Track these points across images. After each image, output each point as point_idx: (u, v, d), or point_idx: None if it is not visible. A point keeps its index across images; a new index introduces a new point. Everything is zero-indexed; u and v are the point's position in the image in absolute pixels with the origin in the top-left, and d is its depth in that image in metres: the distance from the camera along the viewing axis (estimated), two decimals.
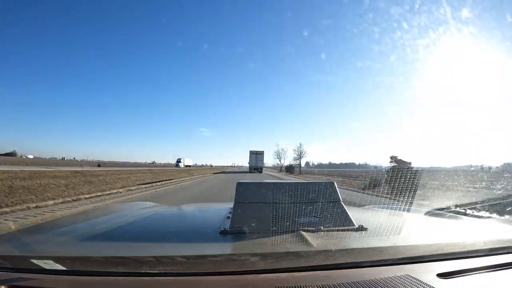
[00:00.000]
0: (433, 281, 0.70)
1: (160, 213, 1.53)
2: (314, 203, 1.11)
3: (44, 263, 0.74)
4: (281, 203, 1.07)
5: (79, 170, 13.00)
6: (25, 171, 9.58)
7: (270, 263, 0.78)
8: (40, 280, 0.70)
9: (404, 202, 1.53)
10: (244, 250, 0.90)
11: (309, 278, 0.71)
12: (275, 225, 0.98)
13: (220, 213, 1.37)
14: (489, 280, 0.76)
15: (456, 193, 8.55)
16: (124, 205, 1.82)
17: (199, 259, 0.79)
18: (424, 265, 0.80)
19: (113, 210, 1.64)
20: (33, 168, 11.73)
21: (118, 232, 1.11)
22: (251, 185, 1.25)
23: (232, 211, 1.12)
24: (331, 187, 1.21)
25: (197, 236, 1.07)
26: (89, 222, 1.32)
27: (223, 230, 1.00)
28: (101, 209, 1.68)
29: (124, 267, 0.75)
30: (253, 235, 0.97)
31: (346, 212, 1.11)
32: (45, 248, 0.91)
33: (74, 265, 0.76)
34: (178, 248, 0.90)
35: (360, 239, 0.99)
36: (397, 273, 0.73)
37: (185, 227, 1.29)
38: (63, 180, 9.35)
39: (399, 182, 1.70)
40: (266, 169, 59.23)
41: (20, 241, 1.00)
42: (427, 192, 8.01)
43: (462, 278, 0.75)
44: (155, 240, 1.00)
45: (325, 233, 0.98)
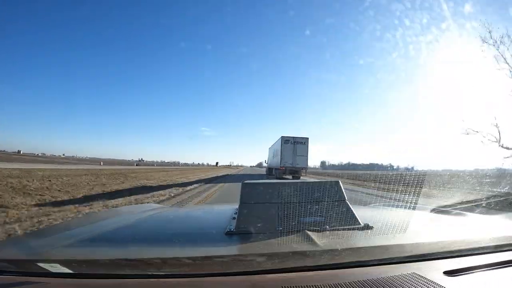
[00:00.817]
0: (440, 279, 0.70)
1: (165, 215, 1.53)
2: (320, 203, 1.11)
3: (51, 267, 0.75)
4: (286, 203, 1.07)
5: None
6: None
7: (277, 263, 0.78)
8: (47, 283, 0.70)
9: (409, 200, 1.52)
10: (250, 250, 0.90)
11: (315, 277, 0.71)
12: (281, 225, 0.99)
13: (225, 214, 1.37)
14: (496, 277, 0.76)
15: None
16: (129, 208, 1.83)
17: (205, 260, 0.79)
18: (430, 263, 0.80)
19: (119, 213, 1.65)
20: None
21: (124, 234, 1.11)
22: (256, 186, 1.25)
23: (238, 212, 1.12)
24: (336, 186, 1.21)
25: (203, 237, 1.07)
26: (95, 224, 1.32)
27: (229, 231, 1.00)
28: (106, 212, 1.69)
29: (131, 269, 0.76)
30: (259, 235, 0.97)
31: (351, 211, 1.10)
32: (51, 251, 0.91)
33: (81, 268, 0.76)
34: (184, 249, 0.91)
35: (366, 238, 0.98)
36: (403, 272, 0.72)
37: (191, 228, 1.30)
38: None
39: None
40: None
41: (26, 245, 1.01)
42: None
43: (469, 276, 0.74)
44: (161, 242, 1.00)
45: (331, 232, 0.98)
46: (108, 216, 1.55)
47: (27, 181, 9.98)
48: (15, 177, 10.91)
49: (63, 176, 13.47)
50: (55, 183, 10.51)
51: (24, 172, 13.12)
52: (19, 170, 14.30)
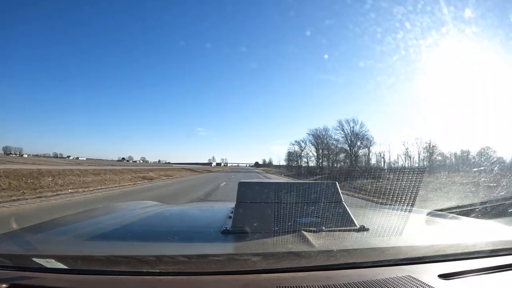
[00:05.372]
0: (434, 282, 0.70)
1: (161, 212, 1.53)
2: (316, 203, 1.11)
3: (46, 262, 0.75)
4: (283, 203, 1.07)
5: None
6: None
7: (272, 263, 0.78)
8: (42, 279, 0.70)
9: (406, 202, 1.53)
10: (245, 249, 0.90)
11: (310, 278, 0.71)
12: (277, 225, 0.99)
13: (222, 212, 1.37)
14: (490, 282, 0.76)
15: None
16: (125, 204, 1.82)
17: (200, 259, 0.79)
18: (425, 266, 0.80)
19: (115, 209, 1.65)
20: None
21: (120, 231, 1.11)
22: (253, 185, 1.26)
23: (234, 211, 1.13)
24: (333, 187, 1.21)
25: (199, 235, 1.08)
26: (91, 221, 1.32)
27: (225, 229, 1.00)
28: (103, 208, 1.68)
29: (126, 266, 0.75)
30: (254, 235, 0.97)
31: (348, 213, 1.11)
32: (47, 246, 0.91)
33: (76, 264, 0.76)
34: (180, 247, 0.91)
35: (362, 239, 0.99)
36: (398, 274, 0.73)
37: (187, 226, 1.30)
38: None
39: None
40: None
41: (22, 240, 1.01)
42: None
43: (463, 279, 0.75)
44: (157, 240, 1.00)
45: (327, 233, 0.98)
46: (103, 213, 1.55)
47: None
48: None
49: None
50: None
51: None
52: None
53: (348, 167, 30.43)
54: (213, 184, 16.17)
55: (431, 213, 1.58)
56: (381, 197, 4.35)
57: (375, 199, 5.84)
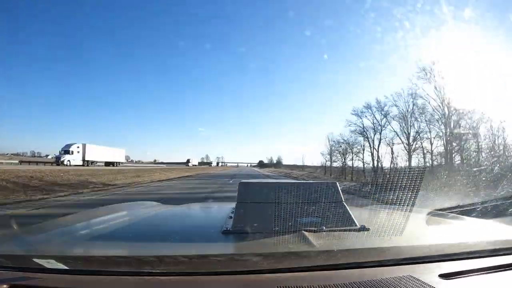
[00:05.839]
0: (435, 281, 0.70)
1: (162, 212, 1.53)
2: (317, 203, 1.11)
3: (47, 262, 0.75)
4: (283, 203, 1.07)
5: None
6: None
7: (272, 263, 0.78)
8: (43, 279, 0.70)
9: (407, 202, 1.52)
10: (246, 250, 0.90)
11: (310, 278, 0.71)
12: (277, 225, 0.99)
13: (222, 212, 1.37)
14: (491, 281, 0.76)
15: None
16: (126, 205, 1.82)
17: (201, 259, 0.79)
18: (426, 265, 0.80)
19: (115, 209, 1.65)
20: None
21: (121, 231, 1.11)
22: (253, 185, 1.25)
23: (235, 211, 1.13)
24: (334, 187, 1.21)
25: (199, 235, 1.07)
26: (92, 221, 1.32)
27: (225, 229, 1.00)
28: (104, 209, 1.68)
29: (127, 267, 0.75)
30: (255, 235, 0.97)
31: (348, 212, 1.11)
32: (47, 247, 0.91)
33: (76, 265, 0.76)
34: (180, 247, 0.91)
35: (362, 239, 0.99)
36: (399, 274, 0.73)
37: (187, 226, 1.30)
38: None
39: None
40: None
41: (22, 240, 1.01)
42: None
43: (464, 279, 0.75)
44: (158, 240, 1.00)
45: (327, 233, 0.98)
46: (104, 213, 1.55)
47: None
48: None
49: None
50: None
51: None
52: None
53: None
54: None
55: (432, 212, 1.58)
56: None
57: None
